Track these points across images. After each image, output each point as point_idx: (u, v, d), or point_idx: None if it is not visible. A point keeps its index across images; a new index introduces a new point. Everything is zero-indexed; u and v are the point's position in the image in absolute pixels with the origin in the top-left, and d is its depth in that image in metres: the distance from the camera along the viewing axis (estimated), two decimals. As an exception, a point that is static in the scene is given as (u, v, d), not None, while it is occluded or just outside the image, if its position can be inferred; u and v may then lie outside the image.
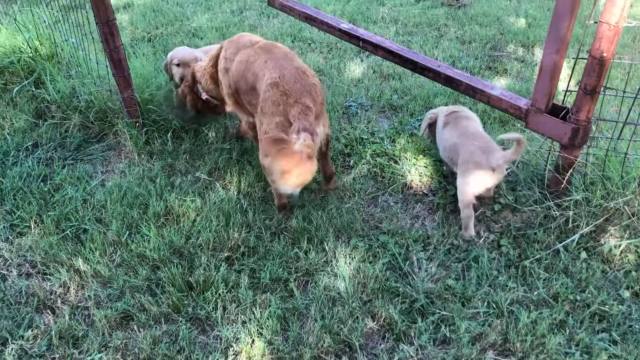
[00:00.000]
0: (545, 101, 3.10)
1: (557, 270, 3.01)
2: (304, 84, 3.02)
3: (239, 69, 3.28)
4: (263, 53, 3.20)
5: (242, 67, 3.26)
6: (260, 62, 3.16)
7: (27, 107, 4.45)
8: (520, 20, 6.29)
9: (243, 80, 3.25)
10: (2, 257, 3.19)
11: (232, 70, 3.35)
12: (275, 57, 3.15)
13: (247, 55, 3.26)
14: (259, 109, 3.07)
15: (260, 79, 3.10)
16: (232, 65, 3.35)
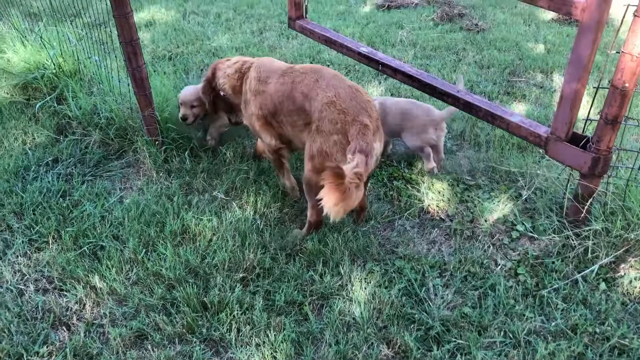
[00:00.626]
0: (566, 130, 3.08)
1: (575, 301, 2.97)
2: (359, 101, 3.07)
3: (282, 90, 3.28)
4: (311, 73, 3.24)
5: (286, 88, 3.26)
6: (309, 82, 3.18)
7: (49, 123, 4.52)
8: (539, 46, 6.29)
9: (289, 101, 3.24)
10: (20, 272, 3.21)
11: (269, 92, 3.35)
12: (326, 77, 3.19)
13: (291, 77, 3.28)
14: (313, 127, 3.10)
15: (312, 99, 3.12)
16: (269, 87, 3.35)
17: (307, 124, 3.19)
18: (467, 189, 3.84)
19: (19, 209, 3.66)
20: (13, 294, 3.07)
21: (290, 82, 3.26)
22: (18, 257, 3.32)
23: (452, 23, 6.98)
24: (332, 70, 3.30)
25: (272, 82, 3.35)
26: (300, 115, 3.21)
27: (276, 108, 3.33)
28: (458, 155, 4.27)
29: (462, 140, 4.47)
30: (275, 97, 3.31)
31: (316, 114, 3.08)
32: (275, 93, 3.31)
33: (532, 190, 3.67)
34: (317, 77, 3.19)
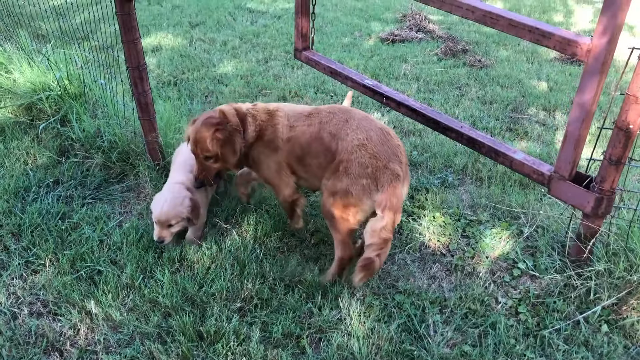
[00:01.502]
0: (569, 169, 3.08)
1: (577, 343, 2.93)
2: (390, 146, 3.04)
3: (310, 131, 3.19)
4: (340, 113, 3.19)
5: (313, 129, 3.18)
6: (337, 122, 3.14)
7: (52, 144, 4.52)
8: (542, 84, 6.34)
9: (317, 142, 3.16)
10: (15, 295, 3.17)
11: (297, 136, 3.24)
12: (356, 117, 3.15)
13: (318, 118, 3.21)
14: (341, 167, 3.02)
15: (340, 139, 3.07)
16: (297, 131, 3.24)
17: (329, 162, 3.13)
18: (468, 224, 3.82)
19: (17, 230, 3.64)
20: (6, 317, 3.02)
21: (318, 122, 3.19)
22: (13, 279, 3.28)
23: (456, 58, 7.05)
24: (361, 112, 3.25)
25: (299, 125, 3.24)
26: (326, 155, 3.13)
27: (304, 151, 3.22)
28: (460, 189, 4.26)
29: (464, 175, 4.46)
30: (303, 139, 3.21)
31: (344, 154, 3.03)
32: (303, 135, 3.21)
33: (533, 228, 3.65)
34: (346, 118, 3.15)
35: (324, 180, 3.16)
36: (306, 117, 3.26)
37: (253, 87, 5.95)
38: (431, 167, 4.53)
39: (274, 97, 5.71)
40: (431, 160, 4.60)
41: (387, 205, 2.87)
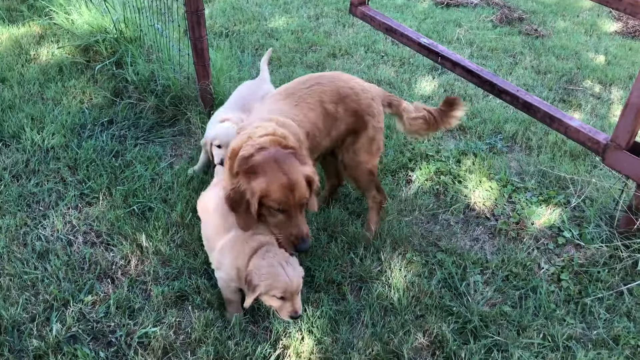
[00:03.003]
0: (627, 138, 3.01)
1: (619, 313, 2.91)
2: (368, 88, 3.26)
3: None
4: (326, 82, 3.04)
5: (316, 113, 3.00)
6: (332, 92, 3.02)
7: (107, 85, 4.62)
8: (600, 57, 6.14)
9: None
10: (70, 224, 3.31)
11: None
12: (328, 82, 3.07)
13: (314, 95, 2.97)
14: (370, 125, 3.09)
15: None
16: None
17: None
18: (515, 191, 3.79)
19: (73, 163, 3.77)
20: (62, 243, 3.16)
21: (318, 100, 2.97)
22: (69, 209, 3.42)
23: (511, 26, 6.87)
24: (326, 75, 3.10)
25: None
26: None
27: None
28: (508, 156, 4.21)
29: (513, 142, 4.40)
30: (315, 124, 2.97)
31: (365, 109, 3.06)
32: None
33: (582, 199, 3.60)
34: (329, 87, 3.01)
35: (351, 148, 3.11)
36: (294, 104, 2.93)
37: (303, 42, 5.93)
38: (480, 133, 4.47)
39: (324, 53, 5.69)
40: (480, 125, 4.55)
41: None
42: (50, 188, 3.55)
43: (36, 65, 4.91)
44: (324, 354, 2.62)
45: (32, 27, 5.55)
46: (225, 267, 2.67)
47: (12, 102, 4.37)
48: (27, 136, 3.93)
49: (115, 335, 2.68)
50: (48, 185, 3.57)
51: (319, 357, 2.61)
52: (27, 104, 4.33)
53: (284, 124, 2.73)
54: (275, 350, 2.63)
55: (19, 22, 5.65)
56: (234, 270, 2.61)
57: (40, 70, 4.81)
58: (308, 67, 5.40)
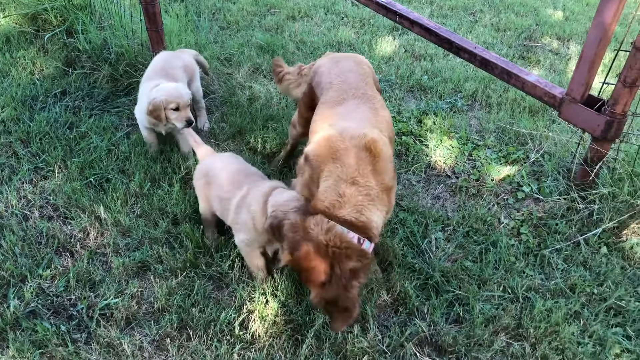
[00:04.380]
0: (582, 91, 3.05)
1: (576, 263, 2.99)
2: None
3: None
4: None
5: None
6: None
7: (58, 55, 4.46)
8: (558, 13, 6.17)
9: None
10: (25, 198, 3.22)
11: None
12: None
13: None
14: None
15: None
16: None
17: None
18: (475, 148, 3.82)
19: (26, 137, 3.65)
20: (18, 219, 3.08)
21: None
22: (24, 183, 3.32)
23: (471, -16, 6.83)
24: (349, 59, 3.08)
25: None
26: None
27: None
28: (468, 115, 4.24)
29: (473, 100, 4.42)
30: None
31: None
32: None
33: (540, 153, 3.65)
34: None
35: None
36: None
37: (262, 5, 5.80)
38: (441, 92, 4.47)
39: (283, 16, 5.58)
40: (441, 85, 4.55)
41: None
42: (2, 163, 3.44)
43: (-19, 36, 4.70)
44: (289, 316, 2.63)
45: (-24, -4, 5.30)
46: (242, 223, 2.63)
47: (-42, 75, 4.19)
48: (-25, 110, 3.79)
49: (77, 308, 2.64)
50: (0, 160, 3.46)
51: (283, 319, 2.62)
52: (-26, 77, 4.16)
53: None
54: (240, 315, 2.63)
55: (-39, -9, 5.38)
56: (251, 221, 2.57)
57: (-14, 41, 4.61)
58: (267, 30, 5.30)
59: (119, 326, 2.56)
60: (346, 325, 2.37)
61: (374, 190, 2.33)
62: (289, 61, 4.70)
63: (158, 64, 3.60)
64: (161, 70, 3.53)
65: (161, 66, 3.56)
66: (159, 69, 3.55)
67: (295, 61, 4.70)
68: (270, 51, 4.86)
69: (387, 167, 2.40)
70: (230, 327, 2.58)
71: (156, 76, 3.48)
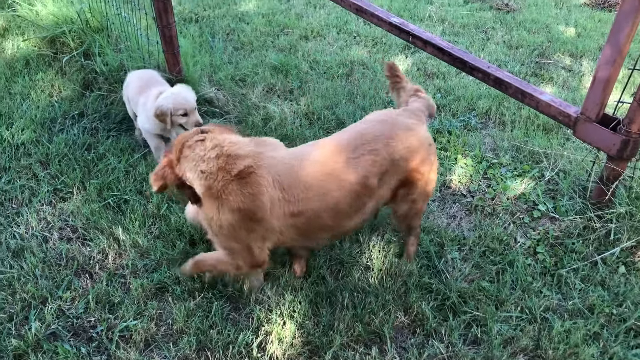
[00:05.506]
0: (597, 110, 3.05)
1: (593, 282, 2.97)
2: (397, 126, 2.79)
3: (344, 194, 2.54)
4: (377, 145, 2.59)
5: (350, 188, 2.54)
6: (375, 159, 2.57)
7: (76, 77, 4.54)
8: (570, 30, 6.19)
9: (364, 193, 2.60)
10: (45, 220, 3.26)
11: (315, 210, 2.52)
12: (375, 137, 2.62)
13: (349, 176, 2.53)
14: (418, 175, 2.71)
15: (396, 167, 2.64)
16: (315, 201, 2.51)
17: (381, 195, 2.70)
18: (490, 167, 3.83)
19: (45, 159, 3.71)
20: (38, 240, 3.12)
21: (357, 176, 2.53)
22: (43, 205, 3.37)
23: (482, 1, 6.88)
24: (374, 127, 2.68)
25: (315, 197, 2.50)
26: (373, 197, 2.66)
27: (340, 217, 2.61)
28: (482, 133, 4.24)
29: (487, 118, 4.44)
30: (339, 206, 2.56)
31: (410, 164, 2.67)
32: (338, 203, 2.54)
33: (555, 172, 3.65)
34: (385, 145, 2.59)
35: (409, 198, 2.79)
36: (324, 181, 2.51)
37: (275, 25, 5.88)
38: (454, 110, 4.49)
39: (296, 36, 5.64)
40: (454, 103, 4.57)
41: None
42: (22, 185, 3.50)
43: (1, 59, 4.79)
44: (306, 337, 2.64)
45: (-4, 20, 5.42)
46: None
47: (-21, 98, 4.27)
48: (-4, 133, 3.86)
49: (96, 330, 2.66)
50: (20, 182, 3.51)
51: (301, 341, 2.62)
52: (-6, 100, 4.25)
53: None
54: (258, 336, 2.64)
55: (-18, 16, 5.51)
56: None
57: (6, 64, 4.70)
58: (280, 50, 5.36)
59: (138, 348, 2.58)
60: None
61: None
62: (303, 80, 4.76)
63: (144, 76, 3.76)
64: (151, 79, 3.71)
65: (148, 76, 3.74)
66: (147, 79, 3.72)
67: (309, 81, 4.76)
68: (284, 71, 4.91)
69: None
70: (248, 349, 2.59)
71: (151, 85, 3.64)
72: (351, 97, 4.57)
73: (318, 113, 4.28)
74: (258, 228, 2.50)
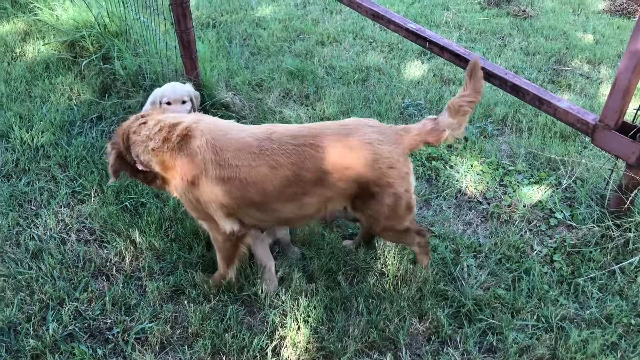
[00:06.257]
0: (615, 118, 3.02)
1: (611, 292, 2.94)
2: (385, 129, 2.66)
3: (277, 176, 2.50)
4: (315, 144, 2.51)
5: (284, 172, 2.50)
6: (323, 156, 2.51)
7: (94, 81, 4.59)
8: (588, 36, 6.14)
9: (296, 186, 2.54)
10: (63, 222, 3.30)
11: (247, 180, 2.50)
12: (331, 140, 2.54)
13: (283, 156, 2.50)
14: (376, 190, 2.58)
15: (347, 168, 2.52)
16: (243, 173, 2.49)
17: (330, 198, 2.62)
18: (506, 174, 3.81)
19: (64, 161, 3.75)
20: (56, 242, 3.16)
21: (289, 163, 2.49)
22: (62, 207, 3.41)
23: (499, 8, 6.85)
24: (331, 125, 2.64)
25: (245, 166, 2.49)
26: (315, 193, 2.58)
27: (268, 198, 2.57)
28: (499, 140, 4.22)
29: (503, 125, 4.42)
30: (266, 185, 2.52)
31: (370, 175, 2.55)
32: (265, 180, 2.51)
33: (572, 179, 3.62)
34: (331, 144, 2.52)
35: (365, 212, 2.68)
36: (257, 155, 2.50)
37: (291, 31, 5.90)
38: (470, 117, 4.45)
39: (312, 41, 5.67)
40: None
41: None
42: (41, 187, 3.54)
43: (22, 62, 4.86)
44: (321, 342, 2.64)
45: (17, 24, 5.50)
46: None
47: (0, 101, 4.33)
48: (16, 135, 3.91)
49: (112, 332, 2.68)
50: (39, 184, 3.56)
51: (315, 346, 2.62)
52: (15, 103, 4.31)
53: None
54: (272, 341, 2.65)
55: (3, 19, 5.60)
56: None
57: (27, 67, 4.77)
58: (296, 55, 5.38)
59: (153, 351, 2.60)
60: None
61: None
62: (319, 85, 4.77)
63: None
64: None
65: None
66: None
67: (325, 86, 4.77)
68: (300, 76, 4.92)
69: None
70: (262, 353, 2.60)
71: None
72: (367, 103, 4.57)
73: (334, 118, 4.29)
74: (202, 194, 2.56)
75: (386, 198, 2.60)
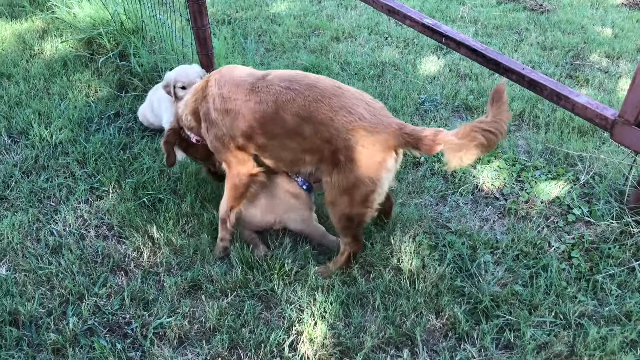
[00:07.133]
0: (635, 113, 2.98)
1: (631, 289, 2.91)
2: (379, 111, 2.69)
3: (259, 110, 2.70)
4: (304, 90, 2.65)
5: (265, 108, 2.69)
6: (305, 103, 2.63)
7: (111, 78, 4.63)
8: (606, 30, 6.07)
9: (274, 124, 2.71)
10: (82, 218, 3.34)
11: (239, 111, 2.75)
12: (327, 93, 2.65)
13: (269, 94, 2.69)
14: (341, 157, 2.60)
15: (322, 123, 2.61)
16: (237, 105, 2.75)
17: (306, 152, 2.73)
18: (523, 169, 3.78)
19: (82, 158, 3.79)
20: (75, 238, 3.20)
21: (272, 100, 2.68)
22: (80, 203, 3.45)
23: (516, 2, 6.79)
24: (328, 81, 2.74)
25: (239, 100, 2.75)
26: (295, 139, 2.71)
27: (253, 131, 2.77)
28: (516, 135, 4.19)
29: (520, 120, 4.38)
30: (251, 118, 2.74)
31: (340, 142, 2.59)
32: (250, 114, 2.73)
33: (591, 175, 3.59)
34: (316, 96, 2.62)
35: (325, 179, 2.75)
36: (249, 91, 2.74)
37: (306, 27, 5.90)
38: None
39: (327, 37, 5.66)
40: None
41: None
42: (60, 183, 3.58)
43: (41, 60, 4.92)
44: (337, 338, 2.65)
45: (35, 22, 5.56)
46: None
47: (19, 98, 4.39)
48: (35, 132, 3.96)
49: (131, 326, 2.71)
50: (58, 180, 3.60)
51: (332, 342, 2.63)
52: (34, 100, 4.36)
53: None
54: (289, 336, 2.66)
55: (22, 18, 5.67)
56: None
57: (45, 65, 4.82)
58: (312, 51, 5.38)
59: (172, 345, 2.62)
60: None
61: None
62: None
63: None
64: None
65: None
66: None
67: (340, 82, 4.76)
68: (315, 72, 4.90)
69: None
70: (279, 349, 2.61)
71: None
72: (382, 98, 4.55)
73: (349, 114, 4.28)
74: (216, 130, 2.88)
75: (347, 173, 2.61)
